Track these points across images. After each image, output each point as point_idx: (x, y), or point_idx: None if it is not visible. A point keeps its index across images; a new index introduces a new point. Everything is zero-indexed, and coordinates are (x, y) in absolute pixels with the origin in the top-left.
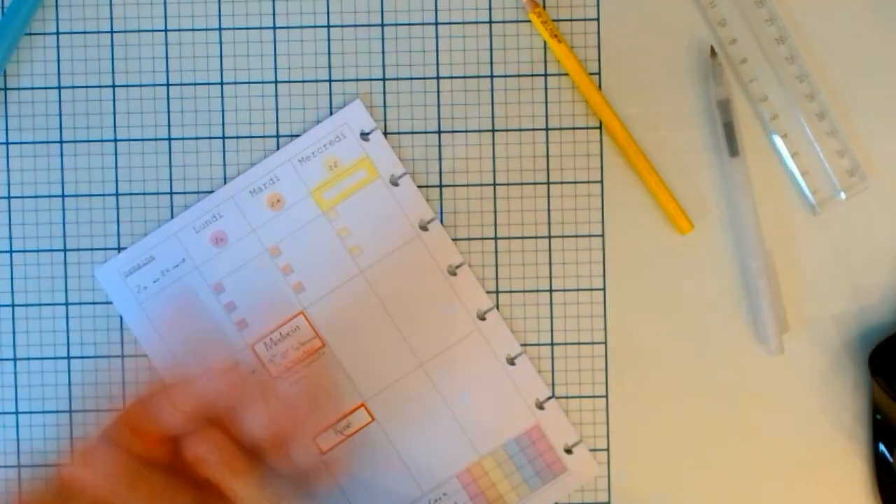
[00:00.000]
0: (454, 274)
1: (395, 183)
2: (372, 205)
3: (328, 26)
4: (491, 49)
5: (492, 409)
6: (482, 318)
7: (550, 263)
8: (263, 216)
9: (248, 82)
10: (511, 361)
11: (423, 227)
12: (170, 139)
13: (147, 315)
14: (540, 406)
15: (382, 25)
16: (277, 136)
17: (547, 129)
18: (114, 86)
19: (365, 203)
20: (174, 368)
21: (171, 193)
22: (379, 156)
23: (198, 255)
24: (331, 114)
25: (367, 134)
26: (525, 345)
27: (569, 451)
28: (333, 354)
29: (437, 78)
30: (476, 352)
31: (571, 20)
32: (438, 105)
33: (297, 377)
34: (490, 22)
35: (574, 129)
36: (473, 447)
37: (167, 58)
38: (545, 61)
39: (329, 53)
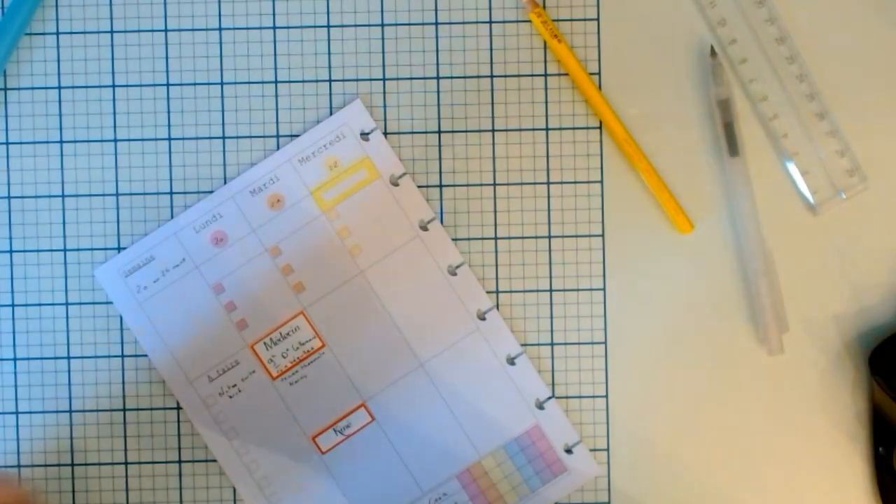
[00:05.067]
0: (454, 274)
1: (395, 183)
2: (372, 205)
3: (328, 26)
4: (491, 49)
5: (492, 409)
6: (482, 318)
7: (550, 263)
8: (263, 216)
9: (249, 82)
10: (511, 361)
11: (423, 227)
12: (170, 139)
13: (147, 315)
14: (540, 406)
15: (382, 25)
16: (277, 136)
17: (547, 129)
18: (114, 86)
19: (365, 203)
20: None
21: (172, 193)
22: (379, 156)
23: (198, 255)
24: (331, 114)
25: (367, 134)
26: (525, 345)
27: (569, 451)
28: (333, 354)
29: (437, 78)
30: (476, 352)
31: (571, 20)
32: (438, 105)
33: (297, 377)
34: (490, 22)
35: (574, 129)
36: (473, 447)
37: (167, 58)
38: (545, 61)
39: (329, 53)
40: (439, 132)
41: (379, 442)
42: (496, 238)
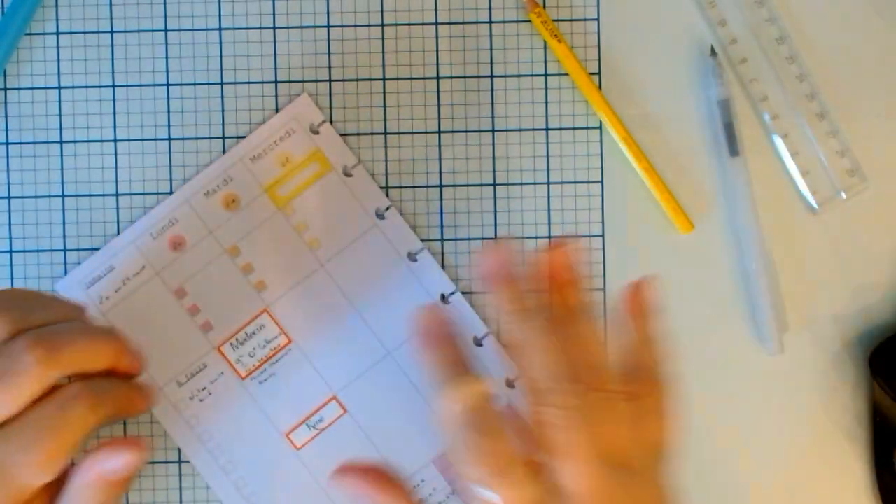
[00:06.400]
0: (414, 260)
1: (348, 174)
2: (327, 197)
3: (328, 26)
4: (491, 49)
5: None
6: (446, 301)
7: None
8: (220, 217)
9: (249, 82)
10: (478, 343)
11: (380, 216)
12: (170, 139)
13: (112, 325)
14: (511, 386)
15: (382, 25)
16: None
17: (547, 129)
18: (114, 86)
19: (320, 196)
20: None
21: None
22: (330, 148)
23: (157, 262)
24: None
25: (317, 126)
26: None
27: None
28: (300, 350)
29: (437, 78)
30: None
31: (571, 20)
32: (438, 105)
33: (266, 375)
34: (490, 22)
35: (574, 129)
36: None
37: (167, 58)
38: (545, 61)
39: (329, 53)
40: (439, 132)
41: (353, 434)
42: (496, 238)
